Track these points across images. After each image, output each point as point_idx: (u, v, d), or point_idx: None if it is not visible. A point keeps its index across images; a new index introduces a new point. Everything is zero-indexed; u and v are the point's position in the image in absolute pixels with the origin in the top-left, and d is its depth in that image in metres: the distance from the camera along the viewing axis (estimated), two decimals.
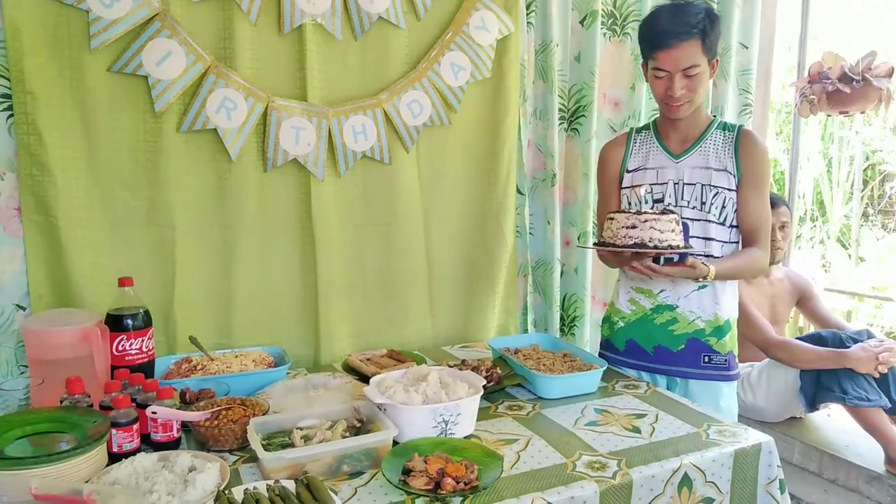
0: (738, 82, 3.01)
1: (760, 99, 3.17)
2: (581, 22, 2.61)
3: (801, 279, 2.99)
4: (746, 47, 2.98)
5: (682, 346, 1.94)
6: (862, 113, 3.09)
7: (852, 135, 6.38)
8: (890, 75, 2.82)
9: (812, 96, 3.02)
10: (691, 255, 1.79)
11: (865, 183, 6.64)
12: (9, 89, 1.76)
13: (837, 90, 2.91)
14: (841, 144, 6.63)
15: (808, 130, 6.39)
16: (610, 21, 2.69)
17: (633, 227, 1.72)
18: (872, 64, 2.85)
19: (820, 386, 2.55)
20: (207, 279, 2.06)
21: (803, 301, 2.97)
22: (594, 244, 1.86)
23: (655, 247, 1.70)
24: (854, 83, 2.87)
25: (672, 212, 1.79)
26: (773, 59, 3.24)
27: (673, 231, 1.73)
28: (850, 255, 6.04)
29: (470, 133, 2.40)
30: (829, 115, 3.28)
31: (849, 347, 2.53)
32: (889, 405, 2.48)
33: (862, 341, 2.56)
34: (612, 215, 1.80)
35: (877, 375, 2.48)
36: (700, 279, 1.80)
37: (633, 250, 1.71)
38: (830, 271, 6.18)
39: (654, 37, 1.80)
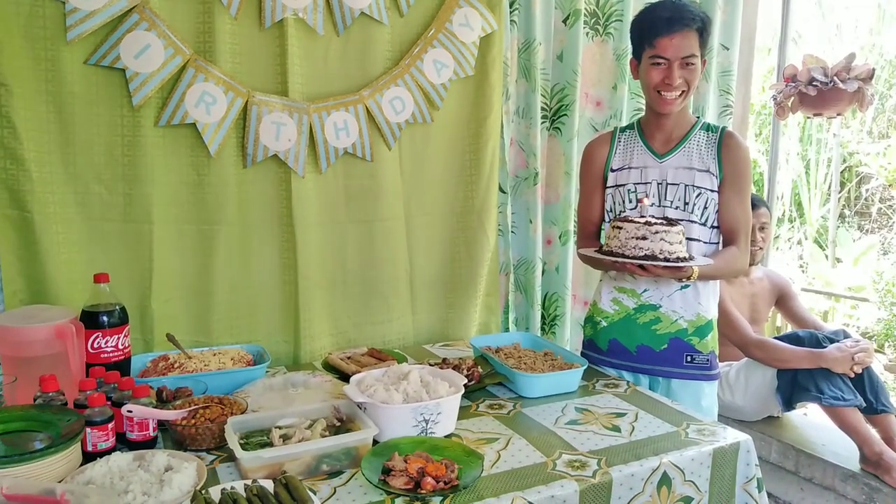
0: (719, 83, 3.03)
1: (741, 100, 3.20)
2: (564, 21, 2.62)
3: (780, 279, 3.03)
4: (727, 48, 3.00)
5: (665, 346, 1.94)
6: (838, 115, 3.12)
7: (830, 137, 6.46)
8: (870, 77, 2.85)
9: (783, 99, 3.06)
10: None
11: (843, 185, 6.73)
12: None
13: (809, 92, 2.93)
14: (819, 146, 6.71)
15: (787, 132, 6.47)
16: (592, 20, 2.69)
17: (644, 238, 1.71)
18: (851, 66, 2.88)
19: (797, 385, 2.57)
20: (185, 276, 2.03)
21: (782, 301, 3.00)
22: (597, 251, 1.84)
23: (666, 259, 1.70)
24: (822, 86, 2.90)
25: (678, 222, 1.79)
26: (754, 60, 3.27)
27: (680, 243, 1.74)
28: (826, 256, 6.11)
29: (452, 131, 2.39)
30: (807, 118, 3.31)
31: (825, 347, 2.56)
32: (864, 405, 2.51)
33: (838, 341, 2.59)
34: (619, 224, 1.78)
35: (852, 375, 2.51)
36: (684, 279, 1.81)
37: (644, 263, 1.71)
38: (807, 272, 6.26)
39: (655, 23, 1.81)
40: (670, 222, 1.77)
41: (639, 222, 1.74)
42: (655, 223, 1.73)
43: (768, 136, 5.49)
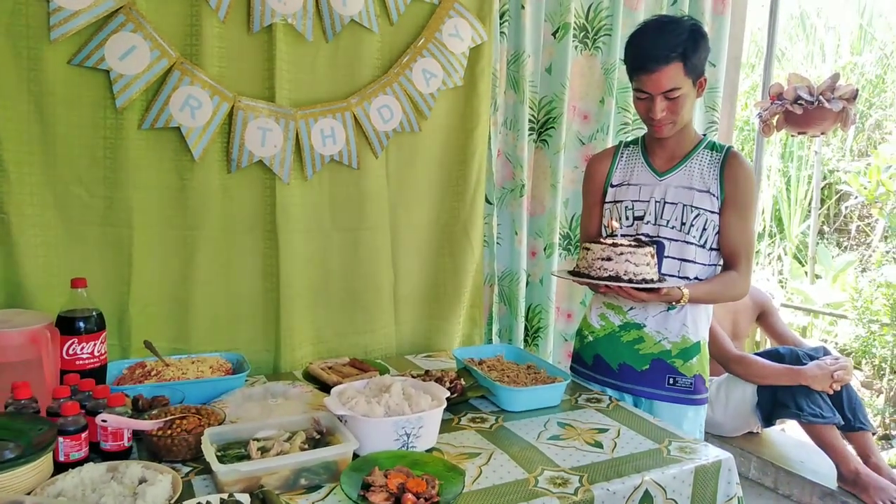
0: (705, 100, 3.05)
1: (726, 116, 3.22)
2: (553, 34, 2.62)
3: (762, 295, 3.05)
4: (714, 65, 3.02)
5: (647, 367, 1.92)
6: (822, 134, 3.16)
7: (811, 154, 6.54)
8: (854, 98, 2.88)
9: (769, 116, 3.09)
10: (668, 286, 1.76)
11: (823, 202, 6.81)
12: None
13: (794, 110, 2.97)
14: (800, 163, 6.79)
15: (770, 148, 6.54)
16: (582, 34, 2.70)
17: (609, 259, 1.72)
18: (836, 86, 2.91)
19: (776, 402, 2.59)
20: (165, 282, 2.00)
21: (763, 317, 3.02)
22: (569, 272, 1.85)
23: (630, 280, 1.70)
24: (808, 105, 2.93)
25: (647, 244, 1.78)
26: (740, 77, 3.30)
27: (648, 265, 1.73)
28: (806, 272, 6.17)
29: (440, 141, 2.38)
30: (791, 136, 3.35)
31: (805, 364, 2.58)
32: (842, 422, 2.53)
33: (818, 358, 2.61)
34: (587, 245, 1.78)
35: (831, 393, 2.53)
36: (674, 303, 1.79)
37: (608, 283, 1.71)
38: (786, 287, 6.31)
39: (635, 59, 1.78)
40: (640, 244, 1.76)
41: (605, 243, 1.75)
42: (621, 244, 1.73)
43: (750, 152, 5.54)
